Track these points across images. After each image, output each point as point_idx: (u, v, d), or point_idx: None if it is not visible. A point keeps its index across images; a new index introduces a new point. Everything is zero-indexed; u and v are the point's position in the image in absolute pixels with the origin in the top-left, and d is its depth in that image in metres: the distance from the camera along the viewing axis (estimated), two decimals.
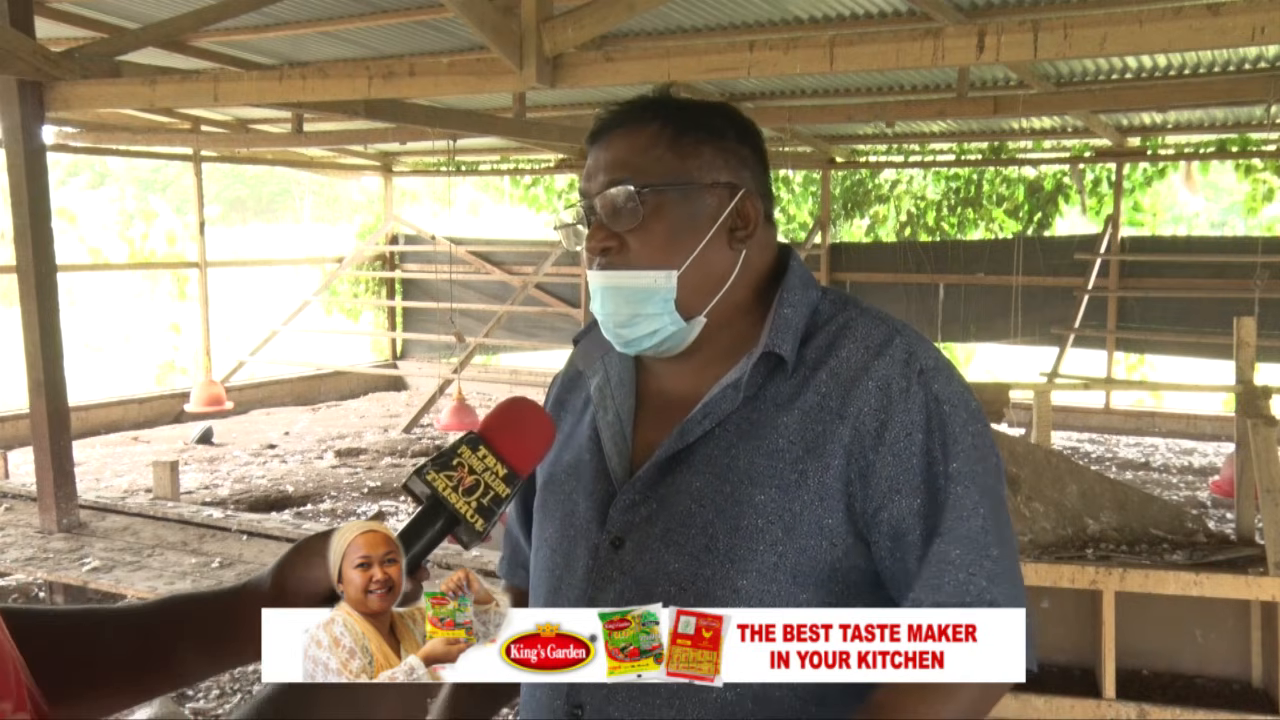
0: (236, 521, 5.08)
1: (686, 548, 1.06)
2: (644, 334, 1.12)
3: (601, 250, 1.12)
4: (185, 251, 13.47)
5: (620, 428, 1.16)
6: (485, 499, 0.90)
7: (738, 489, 1.06)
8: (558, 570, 1.15)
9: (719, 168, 1.13)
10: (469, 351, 10.03)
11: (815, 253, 10.27)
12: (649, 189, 1.10)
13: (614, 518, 1.11)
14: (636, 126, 1.14)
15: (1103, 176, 10.07)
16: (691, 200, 1.11)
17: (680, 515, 1.07)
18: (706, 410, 1.10)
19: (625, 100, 1.19)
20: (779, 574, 1.04)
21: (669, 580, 1.06)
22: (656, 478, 1.10)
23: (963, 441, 1.05)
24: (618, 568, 1.09)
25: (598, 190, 1.12)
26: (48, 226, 4.98)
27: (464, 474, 0.90)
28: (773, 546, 1.04)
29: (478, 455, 0.91)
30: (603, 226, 1.11)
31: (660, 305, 1.10)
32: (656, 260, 1.10)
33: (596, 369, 1.22)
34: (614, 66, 3.93)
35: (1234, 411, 3.54)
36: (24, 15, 4.72)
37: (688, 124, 1.14)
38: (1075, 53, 3.27)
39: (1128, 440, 8.93)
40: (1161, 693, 3.11)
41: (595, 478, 1.15)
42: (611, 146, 1.14)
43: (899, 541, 1.04)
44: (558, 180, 11.94)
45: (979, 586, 1.01)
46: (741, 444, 1.07)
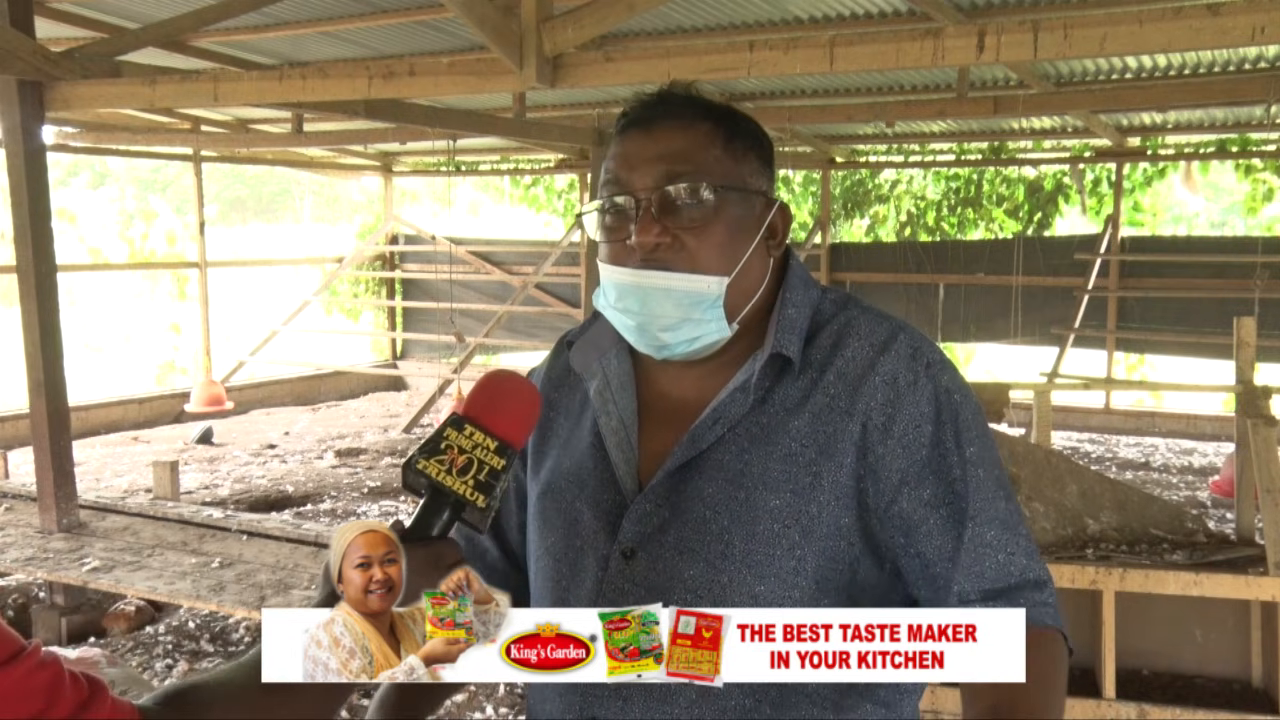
0: (236, 521, 5.08)
1: (702, 555, 1.04)
2: (686, 339, 1.08)
3: (654, 246, 1.06)
4: (185, 251, 13.47)
5: (625, 434, 1.13)
6: (481, 475, 0.89)
7: (752, 494, 1.04)
8: (564, 581, 1.12)
9: (761, 176, 1.12)
10: (469, 351, 10.02)
11: (815, 253, 10.27)
12: (722, 189, 1.06)
13: (626, 529, 1.07)
14: (688, 122, 1.09)
15: (1103, 176, 10.07)
16: (745, 206, 1.09)
17: (694, 523, 1.05)
18: (717, 415, 1.08)
19: (660, 91, 1.14)
20: (799, 579, 1.03)
21: (685, 589, 1.03)
22: (669, 486, 1.07)
23: (975, 428, 1.06)
24: (630, 579, 1.06)
25: (654, 183, 1.06)
26: (48, 226, 4.97)
27: (454, 455, 0.89)
28: (791, 551, 1.03)
29: (464, 434, 0.91)
30: (656, 221, 1.05)
31: (710, 311, 1.06)
32: (712, 263, 1.06)
33: (594, 372, 1.17)
34: (614, 66, 3.93)
35: (1234, 411, 3.54)
36: (24, 15, 4.72)
37: (736, 129, 1.11)
38: (1075, 53, 3.27)
39: (1128, 440, 8.92)
40: (1161, 693, 3.11)
41: (601, 486, 1.11)
42: (662, 138, 1.08)
43: (911, 534, 1.03)
44: (558, 180, 11.94)
45: (1020, 565, 1.03)
46: (754, 449, 1.06)
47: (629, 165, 1.08)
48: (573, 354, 1.19)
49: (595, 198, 1.13)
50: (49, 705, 0.79)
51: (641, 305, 1.07)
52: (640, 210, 1.06)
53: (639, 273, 1.06)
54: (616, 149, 1.11)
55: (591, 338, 1.19)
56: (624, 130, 1.11)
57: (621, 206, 1.08)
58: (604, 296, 1.12)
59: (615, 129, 1.13)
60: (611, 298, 1.10)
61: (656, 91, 1.14)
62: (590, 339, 1.19)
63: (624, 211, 1.08)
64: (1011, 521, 1.04)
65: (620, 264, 1.08)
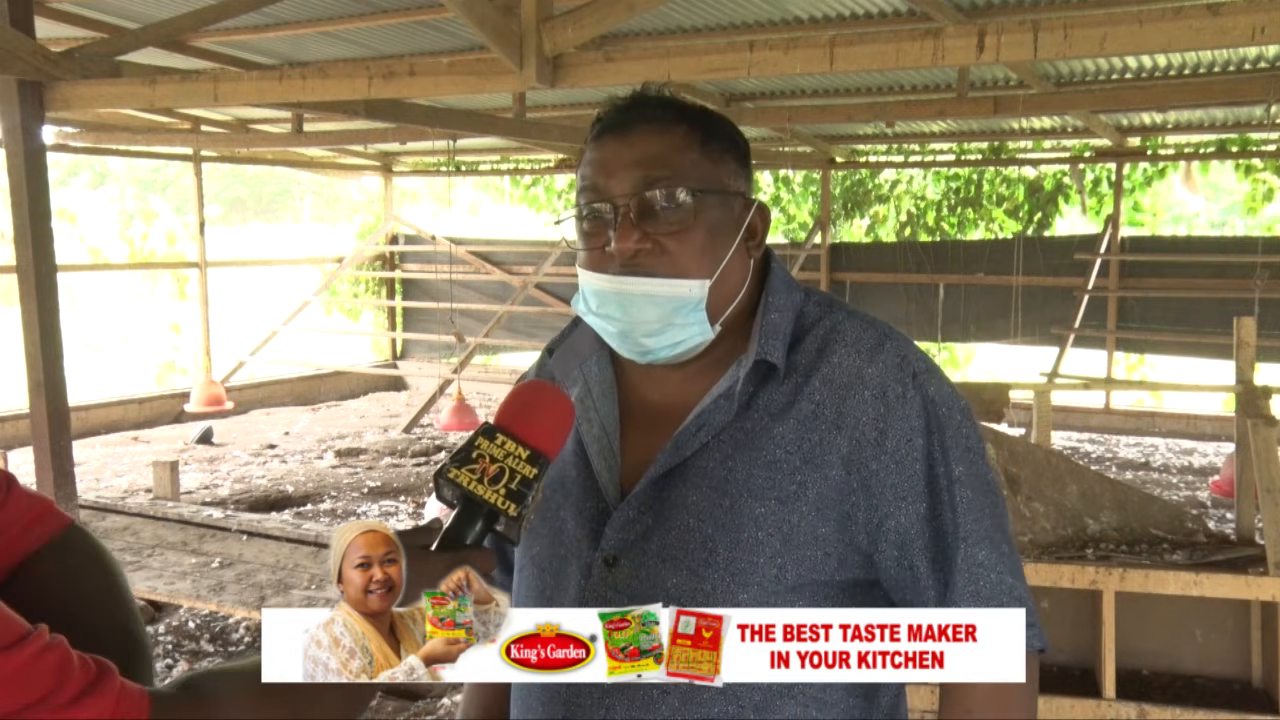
0: (236, 521, 5.08)
1: (685, 563, 1.03)
2: (669, 343, 1.07)
3: (634, 253, 1.05)
4: (185, 251, 13.47)
5: (607, 441, 1.12)
6: (513, 484, 0.88)
7: (736, 502, 1.03)
8: (547, 590, 1.11)
9: (739, 177, 1.12)
10: (469, 351, 10.03)
11: (815, 253, 10.27)
12: (700, 193, 1.05)
13: (609, 536, 1.07)
14: (664, 125, 1.08)
15: (1103, 176, 10.07)
16: (724, 208, 1.08)
17: (678, 531, 1.04)
18: (700, 422, 1.07)
19: (634, 95, 1.13)
20: (779, 586, 1.02)
21: (667, 597, 1.02)
22: (652, 493, 1.07)
23: (960, 442, 1.06)
24: (612, 586, 1.06)
25: (633, 188, 1.05)
26: (48, 226, 4.97)
27: (486, 464, 0.89)
28: (772, 559, 1.02)
29: (496, 443, 0.90)
30: (635, 227, 1.05)
31: (692, 315, 1.06)
32: (693, 267, 1.05)
33: (575, 379, 1.16)
34: (614, 66, 3.93)
35: (1234, 411, 3.54)
36: (24, 15, 4.72)
37: (712, 131, 1.10)
38: (1075, 53, 3.27)
39: (1128, 440, 8.92)
40: (1161, 693, 3.11)
41: (584, 494, 1.11)
42: (638, 143, 1.07)
43: (905, 549, 1.04)
44: (558, 180, 11.94)
45: (1008, 584, 1.04)
46: (738, 456, 1.05)
47: (606, 171, 1.07)
48: (554, 361, 1.19)
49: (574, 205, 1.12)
50: (57, 686, 0.79)
51: (623, 311, 1.06)
52: (619, 217, 1.05)
53: (619, 279, 1.06)
54: (592, 155, 1.10)
55: (572, 344, 1.18)
56: (599, 135, 1.10)
57: (599, 213, 1.07)
58: (584, 302, 1.12)
59: (590, 134, 1.12)
60: (593, 304, 1.10)
61: (630, 95, 1.13)
62: (571, 346, 1.18)
63: (602, 218, 1.07)
64: (997, 540, 1.05)
65: (600, 270, 1.07)
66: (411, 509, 6.68)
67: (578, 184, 1.11)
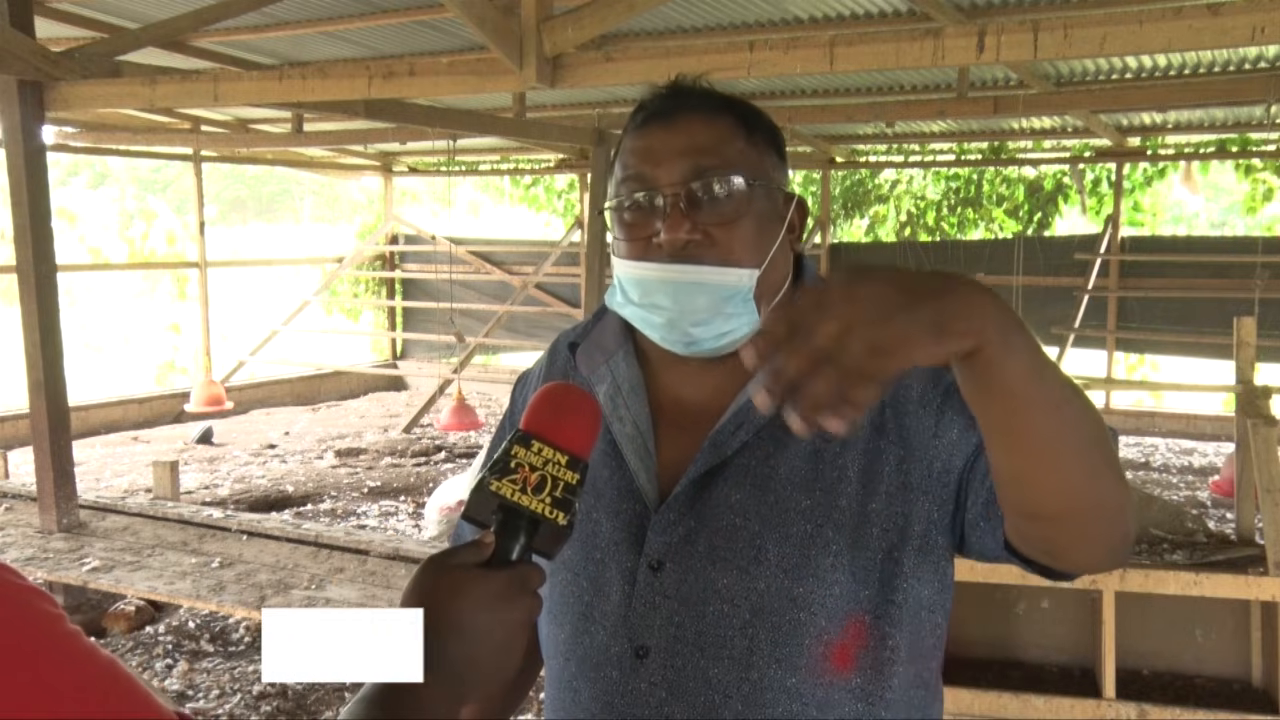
0: (236, 521, 5.08)
1: (734, 562, 1.01)
2: (716, 334, 1.05)
3: (684, 243, 1.02)
4: (185, 251, 13.47)
5: (642, 441, 1.09)
6: (558, 491, 0.85)
7: (782, 497, 1.02)
8: (586, 596, 1.08)
9: (779, 170, 1.11)
10: (469, 351, 10.03)
11: (815, 253, 10.27)
12: (750, 182, 1.04)
13: (652, 540, 1.04)
14: (710, 114, 1.06)
15: (1103, 176, 10.08)
16: (769, 199, 1.07)
17: (724, 531, 1.02)
18: (738, 420, 1.05)
19: (674, 84, 1.11)
20: (837, 574, 1.01)
21: (719, 598, 1.01)
22: (693, 494, 1.04)
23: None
24: (660, 591, 1.03)
25: (682, 177, 1.03)
26: (48, 226, 4.98)
27: (526, 473, 0.84)
28: (826, 548, 1.01)
29: (533, 451, 0.86)
30: (685, 217, 1.02)
31: (741, 305, 1.04)
32: (744, 257, 1.03)
33: (602, 375, 1.13)
34: (614, 66, 3.93)
35: (1234, 411, 3.54)
36: (24, 15, 4.72)
37: (755, 122, 1.09)
38: (1075, 53, 3.27)
39: (1128, 440, 8.92)
40: (1161, 693, 3.11)
41: (619, 496, 1.08)
42: (685, 131, 1.05)
43: (973, 467, 1.01)
44: (558, 180, 11.94)
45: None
46: (778, 451, 1.04)
47: (653, 160, 1.04)
48: (579, 357, 1.16)
49: (612, 194, 1.09)
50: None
51: (672, 300, 1.04)
52: (668, 206, 1.03)
53: (669, 267, 1.03)
54: (636, 143, 1.07)
55: (595, 340, 1.16)
56: (643, 124, 1.07)
57: (645, 203, 1.04)
58: (621, 294, 1.09)
59: (631, 122, 1.09)
60: (634, 295, 1.07)
61: (671, 84, 1.11)
62: (594, 341, 1.16)
63: (648, 208, 1.04)
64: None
65: (643, 260, 1.05)
66: (411, 509, 6.68)
67: (618, 174, 1.08)
